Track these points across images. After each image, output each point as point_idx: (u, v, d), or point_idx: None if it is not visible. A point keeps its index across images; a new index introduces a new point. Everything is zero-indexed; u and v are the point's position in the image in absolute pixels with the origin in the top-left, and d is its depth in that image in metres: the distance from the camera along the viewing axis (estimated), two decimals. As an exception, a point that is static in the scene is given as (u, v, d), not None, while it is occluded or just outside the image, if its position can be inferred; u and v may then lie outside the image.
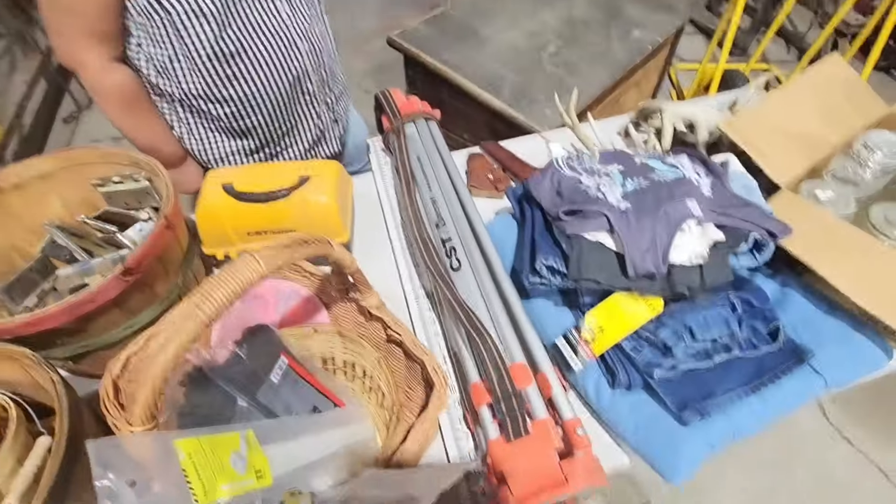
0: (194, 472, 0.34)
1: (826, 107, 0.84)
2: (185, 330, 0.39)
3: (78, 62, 0.76)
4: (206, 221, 0.75)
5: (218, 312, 0.40)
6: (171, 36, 0.76)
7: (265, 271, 0.43)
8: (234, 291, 0.41)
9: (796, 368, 0.59)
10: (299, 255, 0.47)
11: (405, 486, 0.38)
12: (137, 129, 0.86)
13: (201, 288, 0.40)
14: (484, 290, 0.66)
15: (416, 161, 0.87)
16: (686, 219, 0.60)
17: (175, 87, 0.82)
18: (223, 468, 0.37)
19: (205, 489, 0.34)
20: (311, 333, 0.61)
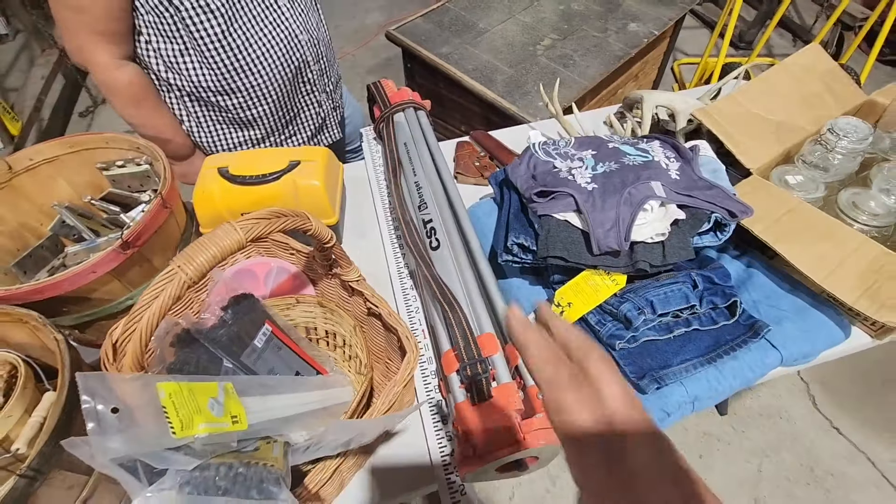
0: (173, 410, 0.39)
1: (804, 95, 0.86)
2: (168, 289, 0.43)
3: (88, 60, 0.80)
4: (202, 203, 0.80)
5: (199, 274, 0.45)
6: (181, 31, 0.80)
7: (243, 239, 0.47)
8: (214, 256, 0.45)
9: (752, 342, 0.62)
10: (277, 226, 0.52)
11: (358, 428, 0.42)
12: (147, 124, 0.90)
13: (184, 252, 0.45)
14: (459, 267, 0.70)
15: (402, 147, 0.91)
16: (648, 199, 0.63)
17: (185, 80, 0.87)
18: (200, 410, 0.41)
19: (182, 425, 0.39)
20: (294, 304, 0.65)
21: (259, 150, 0.86)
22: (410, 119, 0.97)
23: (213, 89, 0.88)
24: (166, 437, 0.37)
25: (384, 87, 1.03)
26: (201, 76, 0.86)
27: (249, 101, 0.92)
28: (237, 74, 0.87)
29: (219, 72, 0.85)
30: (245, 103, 0.92)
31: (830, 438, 1.33)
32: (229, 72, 0.86)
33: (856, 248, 0.65)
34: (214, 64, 0.84)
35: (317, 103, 1.03)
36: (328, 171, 0.84)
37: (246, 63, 0.86)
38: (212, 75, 0.86)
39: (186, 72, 0.85)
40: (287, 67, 0.91)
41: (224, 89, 0.88)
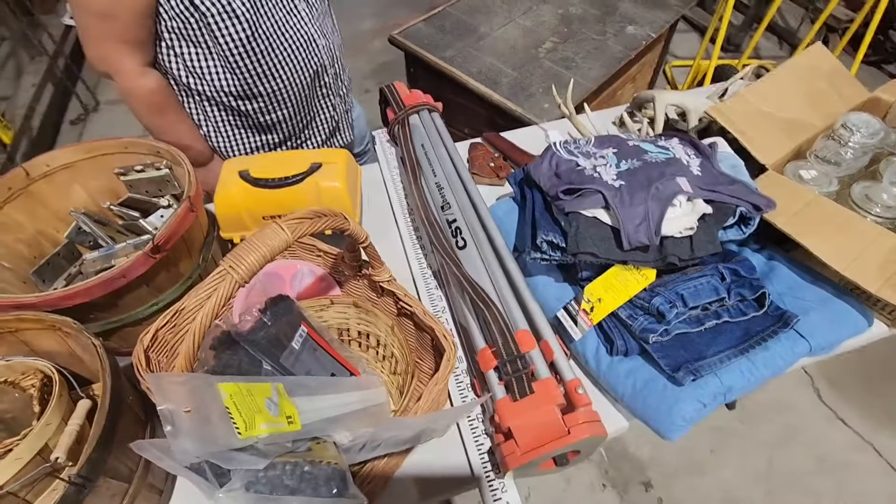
0: (236, 410, 0.38)
1: (810, 93, 0.88)
2: (220, 289, 0.43)
3: (112, 68, 0.80)
4: (223, 206, 0.79)
5: (250, 274, 0.44)
6: (206, 36, 0.80)
7: (290, 238, 0.47)
8: (264, 255, 0.45)
9: (782, 332, 0.63)
10: (320, 225, 0.52)
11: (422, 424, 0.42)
12: (168, 131, 0.90)
13: (234, 252, 0.45)
14: (488, 265, 0.71)
15: (420, 149, 0.91)
16: (676, 194, 0.64)
17: (207, 85, 0.87)
18: (260, 410, 0.41)
19: (246, 425, 0.38)
20: (328, 305, 0.65)
21: (279, 153, 0.86)
22: (425, 121, 0.97)
23: (234, 94, 0.88)
24: (233, 438, 0.37)
25: (397, 89, 1.03)
26: (224, 81, 0.86)
27: (270, 106, 0.92)
28: (259, 79, 0.87)
29: (241, 76, 0.85)
30: (266, 107, 0.92)
31: (836, 430, 1.35)
32: (252, 76, 0.86)
33: (874, 239, 0.67)
34: (238, 68, 0.84)
35: (331, 106, 1.04)
36: (349, 172, 0.84)
37: (268, 68, 0.86)
38: (234, 80, 0.86)
39: (209, 76, 0.85)
40: (306, 72, 0.92)
41: (246, 94, 0.88)
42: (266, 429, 0.40)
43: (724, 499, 1.23)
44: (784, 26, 2.78)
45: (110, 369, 0.51)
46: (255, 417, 0.40)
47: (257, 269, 0.45)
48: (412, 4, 3.16)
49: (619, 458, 1.29)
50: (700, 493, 1.23)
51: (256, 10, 0.80)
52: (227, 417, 0.37)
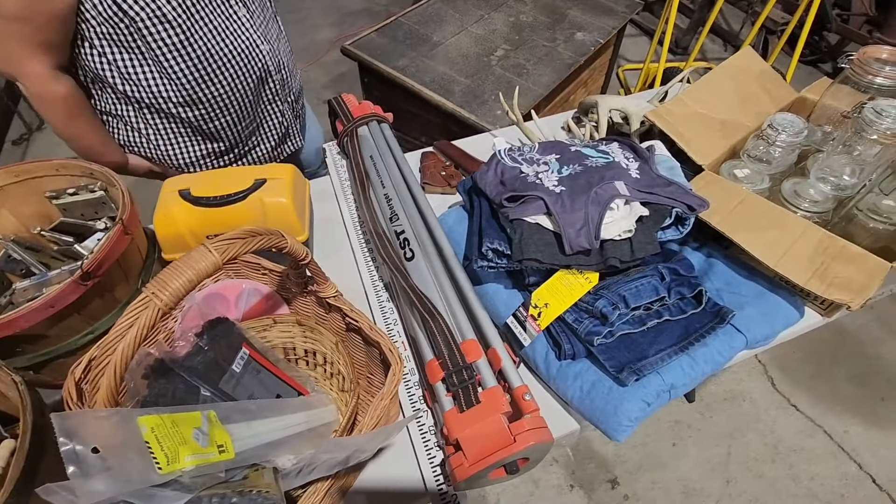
0: (157, 444, 0.37)
1: (742, 94, 0.92)
2: (142, 317, 0.42)
3: (20, 71, 0.75)
4: (163, 228, 0.77)
5: (174, 300, 0.43)
6: (138, 41, 0.77)
7: (219, 261, 0.46)
8: (190, 280, 0.44)
9: (719, 328, 0.65)
10: (253, 245, 0.50)
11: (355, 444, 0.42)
12: (80, 137, 0.86)
13: (158, 278, 0.43)
14: (436, 276, 0.71)
15: (369, 160, 0.91)
16: (614, 198, 0.66)
17: (145, 92, 0.84)
18: (186, 441, 0.39)
19: (168, 459, 0.37)
20: (271, 324, 0.64)
21: (222, 170, 0.84)
22: (374, 132, 0.97)
23: (174, 100, 0.85)
24: (152, 474, 0.35)
25: (345, 101, 1.03)
26: (161, 87, 0.83)
27: (212, 113, 0.90)
28: (198, 85, 0.85)
29: (179, 83, 0.83)
30: (208, 114, 0.90)
31: (789, 416, 1.41)
32: (190, 83, 0.84)
33: (802, 234, 0.71)
34: (174, 75, 0.82)
35: (279, 112, 1.02)
36: (295, 187, 0.82)
37: (207, 74, 0.84)
38: (172, 86, 0.83)
39: (145, 83, 0.82)
40: (249, 78, 0.90)
41: (185, 100, 0.86)
42: (192, 461, 0.38)
43: (684, 491, 1.26)
44: (727, 29, 2.90)
45: (32, 406, 0.48)
46: (180, 450, 0.38)
47: (183, 295, 0.44)
48: (371, 14, 3.16)
49: (585, 458, 1.31)
50: (661, 488, 1.26)
51: (190, 14, 0.77)
52: (147, 452, 0.36)
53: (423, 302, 0.65)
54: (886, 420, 1.40)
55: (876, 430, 1.38)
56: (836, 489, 1.27)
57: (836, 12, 2.45)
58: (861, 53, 0.78)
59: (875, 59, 0.78)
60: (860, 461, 1.32)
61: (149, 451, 0.36)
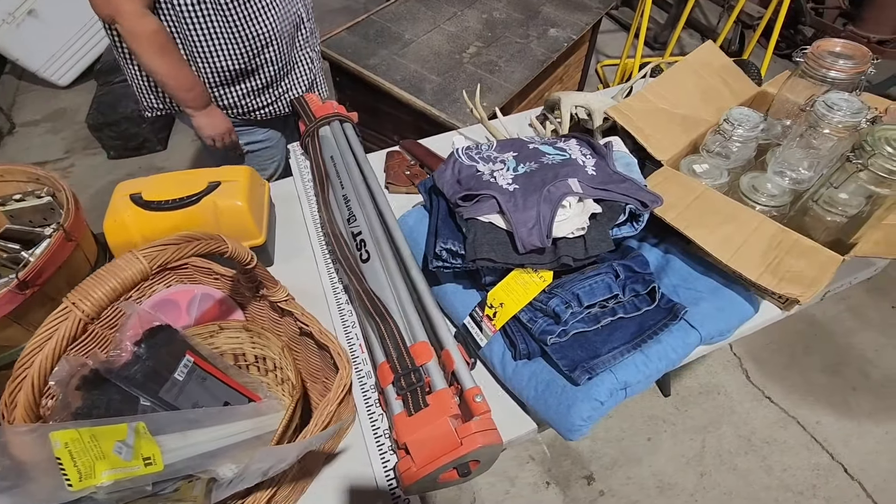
0: (69, 460, 0.36)
1: (703, 89, 0.92)
2: (61, 328, 0.40)
3: (116, 10, 0.84)
4: (114, 233, 0.75)
5: (97, 310, 0.42)
6: None
7: (147, 268, 0.45)
8: (114, 289, 0.43)
9: (672, 324, 0.65)
10: (187, 251, 0.49)
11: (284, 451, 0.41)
12: (172, 72, 0.94)
13: (80, 286, 0.42)
14: (391, 278, 0.70)
15: (329, 161, 0.89)
16: (566, 195, 0.65)
17: (198, 30, 0.93)
18: (105, 455, 0.38)
19: (80, 475, 0.36)
20: (218, 330, 0.62)
21: (176, 173, 0.82)
22: (336, 132, 0.96)
23: (224, 36, 0.95)
24: (62, 491, 0.34)
25: (308, 101, 1.01)
26: (214, 23, 0.92)
27: (258, 48, 0.99)
28: (248, 21, 0.95)
29: (232, 19, 0.93)
30: (254, 49, 0.99)
31: (763, 407, 1.42)
32: (241, 18, 0.94)
33: (756, 228, 0.70)
34: (229, 12, 0.92)
35: (308, 60, 1.15)
36: (251, 189, 0.81)
37: (256, 11, 0.95)
38: (225, 22, 0.93)
39: (201, 18, 0.91)
40: (288, 19, 1.02)
41: (237, 36, 0.95)
42: (110, 476, 0.37)
43: (658, 486, 1.27)
44: (706, 24, 2.92)
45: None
46: (96, 465, 0.37)
47: (107, 304, 0.42)
48: (351, 12, 3.13)
49: (561, 455, 1.31)
50: (636, 483, 1.26)
51: None
52: (57, 469, 0.35)
53: (376, 304, 0.64)
54: (858, 410, 1.41)
55: (847, 420, 1.39)
56: (809, 480, 1.28)
57: (811, 6, 2.46)
58: (815, 47, 0.78)
59: (829, 52, 0.78)
60: (832, 451, 1.33)
61: (59, 467, 0.35)
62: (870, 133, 0.63)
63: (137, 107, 2.11)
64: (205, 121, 1.05)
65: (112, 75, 2.19)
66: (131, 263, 0.44)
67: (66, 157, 2.24)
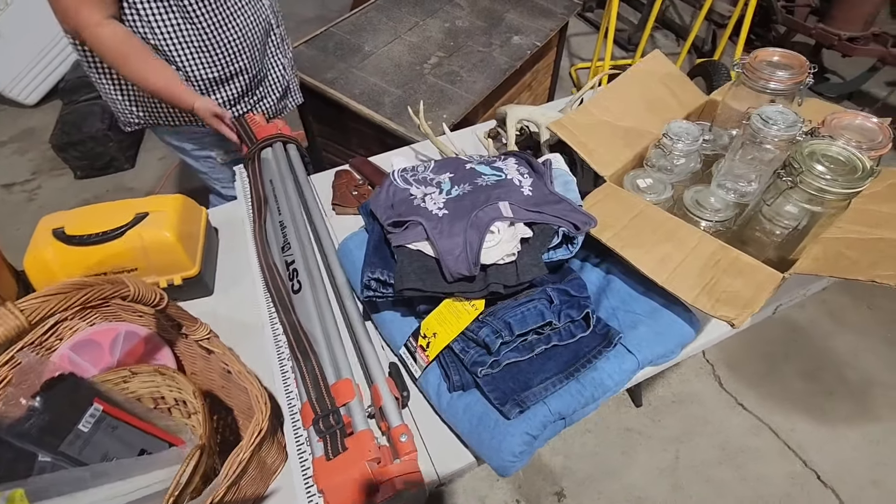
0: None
1: (648, 100, 0.90)
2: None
3: (77, 22, 0.83)
4: (35, 271, 0.73)
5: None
6: None
7: (24, 323, 0.42)
8: (-20, 349, 0.40)
9: (607, 350, 0.63)
10: (76, 299, 0.47)
11: None
12: (146, 74, 0.91)
13: (-61, 350, 0.39)
14: (321, 309, 0.67)
15: (268, 185, 0.87)
16: (494, 221, 0.63)
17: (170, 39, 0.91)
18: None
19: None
20: (130, 376, 0.60)
21: (101, 205, 0.79)
22: (278, 154, 0.94)
23: (195, 44, 0.93)
24: None
25: (249, 122, 0.99)
26: (184, 32, 0.91)
27: (230, 57, 0.99)
28: (217, 29, 0.94)
29: (201, 27, 0.92)
30: (226, 58, 0.98)
31: (736, 415, 1.40)
32: (211, 27, 0.93)
33: (695, 246, 0.69)
34: (197, 20, 0.91)
35: (281, 66, 1.14)
36: (183, 219, 0.79)
37: (224, 19, 0.94)
38: (194, 31, 0.92)
39: (170, 29, 0.90)
40: (258, 26, 1.01)
41: (207, 44, 0.94)
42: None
43: (630, 499, 1.25)
44: (680, 24, 2.91)
45: None
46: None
47: (-30, 367, 0.40)
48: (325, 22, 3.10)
49: (533, 472, 1.29)
50: (607, 498, 1.24)
51: None
52: None
53: (300, 339, 0.62)
54: (833, 415, 1.40)
55: (822, 426, 1.38)
56: (783, 488, 1.26)
57: (782, 4, 2.46)
58: (752, 57, 0.77)
59: (767, 62, 0.76)
60: (805, 458, 1.31)
61: None
62: (798, 150, 0.61)
63: (103, 125, 2.10)
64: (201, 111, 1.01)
65: (76, 94, 2.16)
66: (4, 319, 0.42)
67: (33, 179, 2.21)
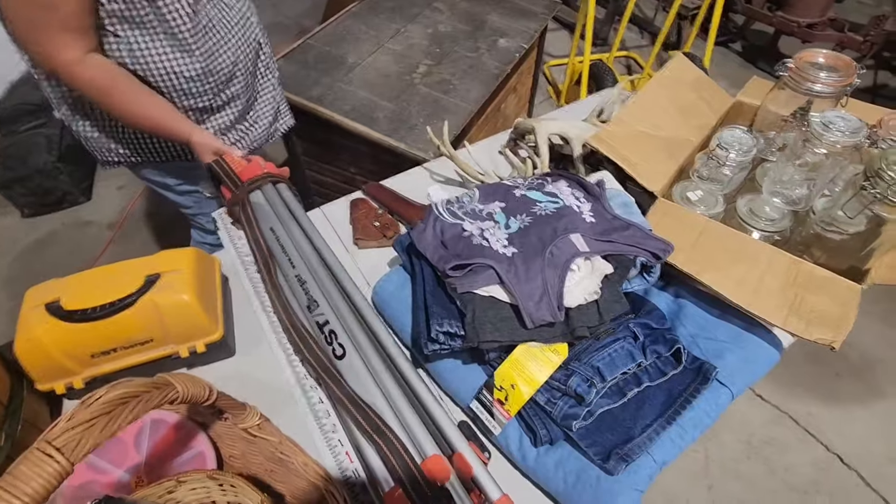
0: None
1: (681, 106, 0.87)
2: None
3: (56, 65, 0.74)
4: (30, 356, 0.61)
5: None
6: (154, 16, 0.77)
7: (68, 468, 0.33)
8: (22, 512, 0.31)
9: (703, 388, 0.59)
10: (125, 418, 0.38)
11: None
12: (135, 108, 0.82)
13: (-32, 523, 0.30)
14: (377, 375, 0.59)
15: (270, 234, 0.76)
16: (574, 258, 0.58)
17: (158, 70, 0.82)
18: None
19: None
20: (175, 486, 0.50)
21: (101, 269, 0.68)
22: (271, 197, 0.81)
23: (186, 74, 0.84)
24: None
25: (228, 163, 0.85)
26: (175, 62, 0.82)
27: (222, 84, 0.90)
28: (209, 56, 0.85)
29: (193, 56, 0.83)
30: (219, 86, 0.90)
31: (756, 407, 1.41)
32: (203, 54, 0.84)
33: (769, 263, 0.66)
34: (189, 47, 0.81)
35: (271, 87, 1.06)
36: (199, 276, 0.69)
37: (216, 44, 0.85)
38: (185, 59, 0.83)
39: (160, 59, 0.81)
40: (249, 47, 0.93)
41: (200, 72, 0.85)
42: None
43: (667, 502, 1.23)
44: (642, 16, 2.95)
45: None
46: None
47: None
48: (282, 29, 2.95)
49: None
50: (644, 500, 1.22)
51: None
52: None
53: (367, 415, 0.54)
54: (844, 396, 1.44)
55: (836, 408, 1.41)
56: (810, 475, 1.28)
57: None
58: (797, 59, 0.74)
59: (811, 64, 0.74)
60: (826, 442, 1.34)
61: None
62: (883, 159, 0.59)
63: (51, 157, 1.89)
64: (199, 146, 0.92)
65: (15, 124, 1.93)
66: (41, 467, 0.32)
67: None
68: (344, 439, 0.62)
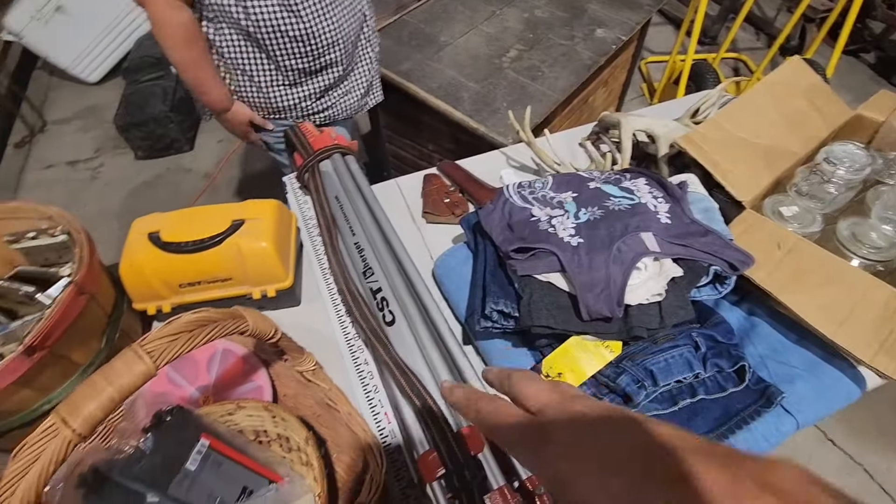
0: None
1: (789, 114, 0.80)
2: (48, 450, 0.34)
3: None
4: (130, 277, 0.69)
5: (89, 428, 0.35)
6: None
7: (152, 368, 0.38)
8: (112, 399, 0.36)
9: (766, 411, 0.55)
10: (200, 340, 0.42)
11: None
12: (192, 67, 0.93)
13: (70, 399, 0.35)
14: (423, 345, 0.61)
15: (335, 202, 0.80)
16: (641, 256, 0.56)
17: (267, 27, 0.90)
18: None
19: None
20: (235, 409, 0.55)
21: (196, 209, 0.75)
22: (339, 167, 0.85)
23: (291, 34, 0.92)
24: None
25: (303, 131, 0.91)
26: (282, 21, 0.90)
27: (325, 47, 0.97)
28: (317, 18, 0.92)
29: (300, 16, 0.90)
30: (321, 49, 0.97)
31: (826, 451, 1.29)
32: (310, 16, 0.91)
33: (864, 293, 0.59)
34: (294, 7, 0.89)
35: (368, 60, 1.12)
36: (278, 227, 0.74)
37: (321, 8, 0.92)
38: (293, 19, 0.90)
39: (269, 16, 0.89)
40: (353, 16, 0.99)
41: (304, 34, 0.92)
42: None
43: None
44: (760, 16, 2.70)
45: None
46: None
47: (102, 419, 0.36)
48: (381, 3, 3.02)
49: None
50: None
51: None
52: None
53: (411, 380, 0.56)
54: (934, 457, 1.28)
55: (922, 469, 1.26)
56: (879, 536, 1.16)
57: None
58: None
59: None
60: (906, 506, 1.20)
61: None
62: None
63: (165, 107, 2.09)
64: (225, 123, 1.07)
65: (139, 73, 2.16)
66: (131, 366, 0.37)
67: (96, 157, 2.23)
68: (384, 400, 0.65)
